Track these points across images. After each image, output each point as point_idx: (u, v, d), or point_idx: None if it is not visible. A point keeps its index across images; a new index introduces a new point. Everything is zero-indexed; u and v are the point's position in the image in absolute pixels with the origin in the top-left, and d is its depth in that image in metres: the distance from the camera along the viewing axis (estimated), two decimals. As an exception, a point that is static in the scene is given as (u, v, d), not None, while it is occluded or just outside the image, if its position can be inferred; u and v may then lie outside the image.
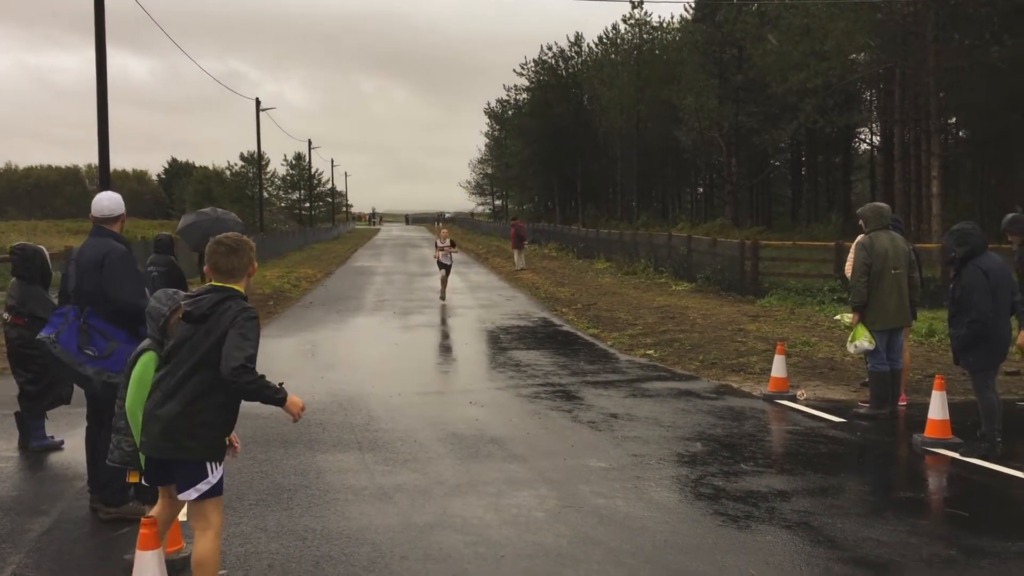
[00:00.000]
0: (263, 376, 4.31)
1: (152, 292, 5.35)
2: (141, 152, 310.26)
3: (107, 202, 6.18)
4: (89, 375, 5.79)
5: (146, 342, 4.93)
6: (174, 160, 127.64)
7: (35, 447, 7.75)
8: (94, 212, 6.16)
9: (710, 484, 6.70)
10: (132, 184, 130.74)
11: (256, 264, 4.64)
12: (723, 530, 5.70)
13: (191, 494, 4.33)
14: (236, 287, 4.44)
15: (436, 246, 22.15)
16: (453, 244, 22.24)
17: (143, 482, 4.70)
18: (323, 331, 16.23)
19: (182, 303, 4.90)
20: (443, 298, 20.94)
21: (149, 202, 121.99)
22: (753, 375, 11.28)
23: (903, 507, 6.22)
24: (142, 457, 4.56)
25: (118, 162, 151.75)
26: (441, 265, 21.67)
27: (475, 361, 12.93)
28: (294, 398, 4.49)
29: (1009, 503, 6.38)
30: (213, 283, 4.46)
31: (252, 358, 4.25)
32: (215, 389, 4.29)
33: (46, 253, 8.03)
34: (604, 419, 8.89)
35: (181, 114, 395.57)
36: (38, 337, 5.96)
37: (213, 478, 4.36)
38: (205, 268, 4.83)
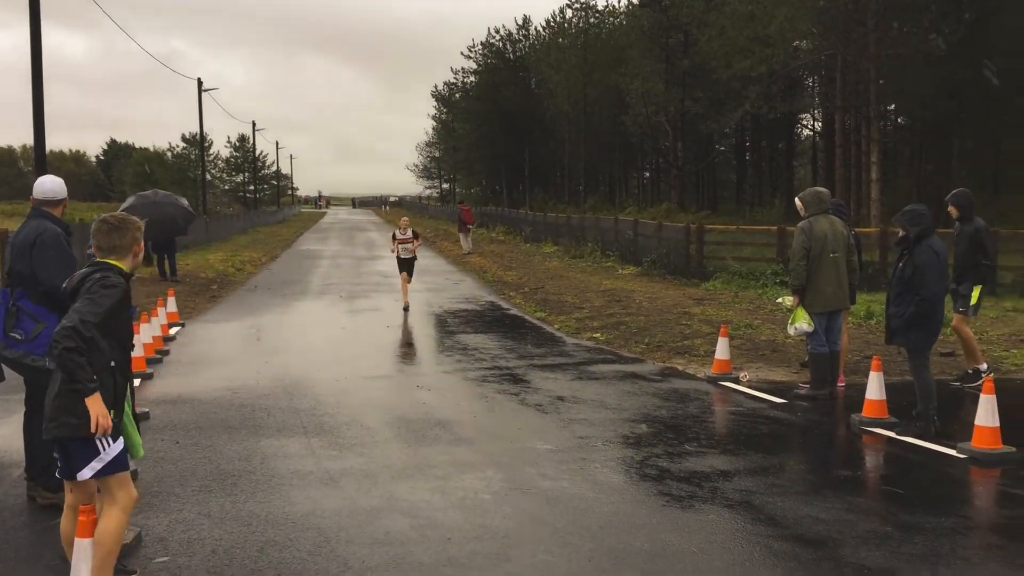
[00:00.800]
0: (84, 357, 4.11)
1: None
2: (79, 132, 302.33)
3: (49, 184, 6.06)
4: (11, 358, 5.70)
5: None
6: (113, 141, 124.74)
7: None
8: (35, 194, 6.03)
9: (655, 465, 6.79)
10: (70, 165, 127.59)
11: (142, 244, 4.66)
12: (667, 510, 5.79)
13: (86, 473, 4.25)
14: (117, 263, 4.46)
15: (394, 237, 17.02)
16: (416, 236, 17.19)
17: (57, 474, 4.54)
18: (268, 315, 16.05)
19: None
20: (406, 308, 16.35)
21: (88, 184, 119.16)
22: (697, 357, 11.43)
23: (841, 485, 6.37)
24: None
25: (55, 143, 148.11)
26: (402, 264, 16.85)
27: (423, 345, 12.91)
28: (100, 407, 4.17)
29: (942, 481, 6.57)
30: (96, 259, 4.47)
31: (87, 324, 4.12)
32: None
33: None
34: (551, 402, 8.94)
35: (121, 94, 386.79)
36: None
37: (107, 454, 4.26)
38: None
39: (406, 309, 16.36)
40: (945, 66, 31.16)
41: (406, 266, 16.85)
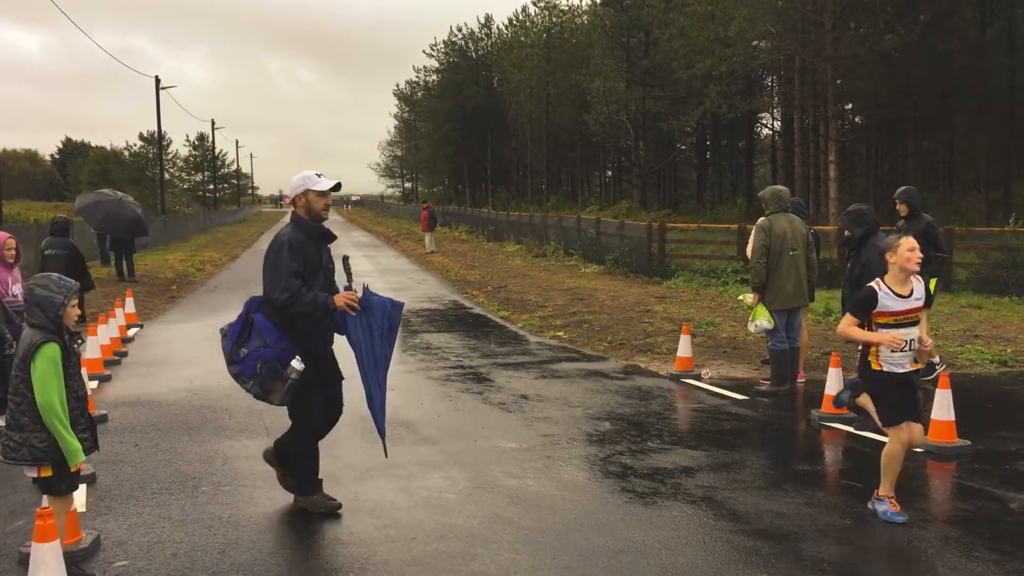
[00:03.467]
0: None
1: (50, 274, 5.08)
2: (33, 131, 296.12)
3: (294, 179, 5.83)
4: (232, 375, 5.65)
5: (38, 335, 4.62)
6: (69, 140, 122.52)
7: None
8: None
9: (618, 462, 6.82)
10: (23, 164, 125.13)
11: None
12: (630, 507, 5.82)
13: None
14: None
15: None
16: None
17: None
18: (229, 315, 15.75)
19: (76, 289, 4.75)
20: None
21: (42, 183, 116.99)
22: (660, 355, 11.51)
23: (801, 480, 6.45)
24: (79, 450, 4.59)
25: (8, 141, 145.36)
26: None
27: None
28: None
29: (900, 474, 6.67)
30: None
31: None
32: None
33: None
34: (514, 400, 8.95)
35: (76, 92, 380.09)
36: None
37: None
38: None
39: None
40: (900, 66, 31.66)
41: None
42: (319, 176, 5.62)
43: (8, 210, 35.18)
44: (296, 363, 5.35)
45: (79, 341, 4.91)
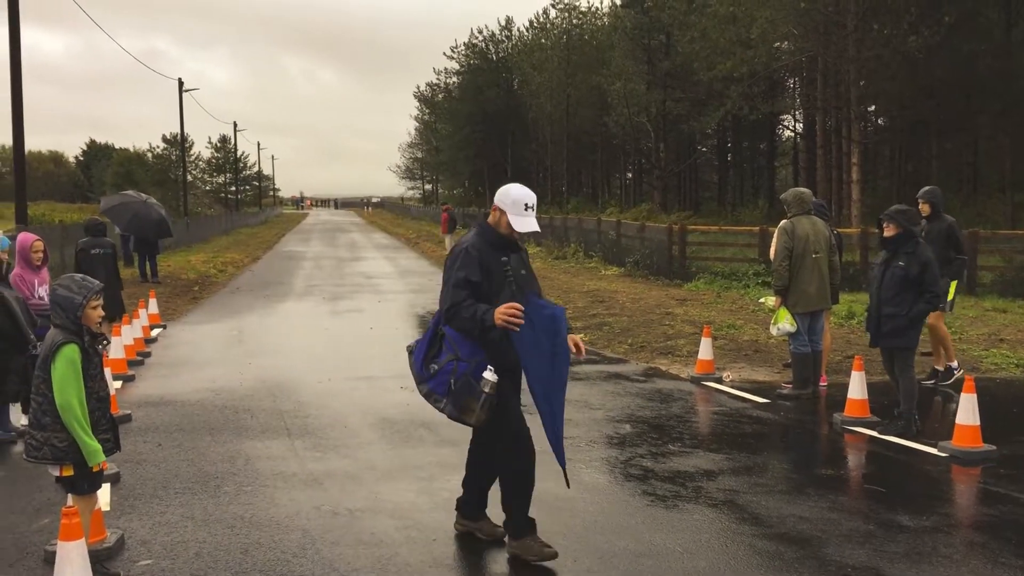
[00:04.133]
0: None
1: (103, 272, 5.16)
2: (58, 133, 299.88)
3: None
4: (422, 394, 5.16)
5: (59, 335, 4.66)
6: (93, 142, 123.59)
7: None
8: None
9: (639, 465, 6.80)
10: (48, 166, 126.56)
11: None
12: (651, 510, 5.80)
13: None
14: None
15: None
16: None
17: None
18: (250, 317, 15.98)
19: (98, 290, 4.78)
20: None
21: (67, 185, 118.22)
22: (681, 358, 11.47)
23: (824, 484, 6.41)
24: (99, 450, 4.63)
25: (33, 143, 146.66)
26: None
27: (406, 346, 12.86)
28: None
29: (924, 479, 6.62)
30: None
31: None
32: None
33: None
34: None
35: (100, 94, 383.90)
36: None
37: None
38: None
39: None
40: (924, 67, 31.40)
41: None
42: (527, 209, 5.04)
43: (33, 211, 35.56)
44: (488, 374, 4.72)
45: (103, 343, 4.93)
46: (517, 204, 5.01)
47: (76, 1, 31.20)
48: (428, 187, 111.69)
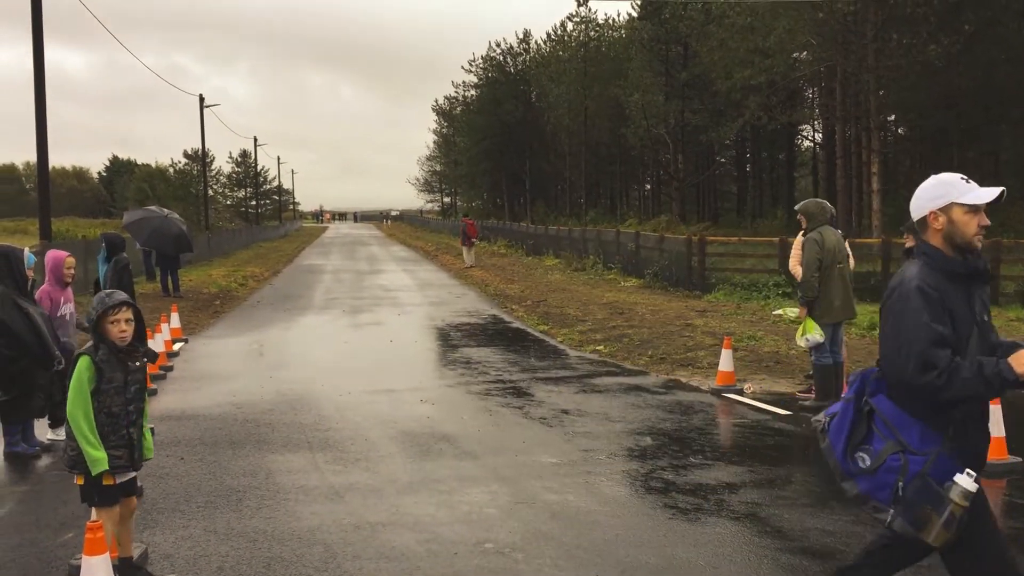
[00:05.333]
0: None
1: (120, 287, 5.19)
2: (81, 149, 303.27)
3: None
4: (848, 496, 3.86)
5: (85, 347, 4.84)
6: (115, 158, 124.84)
7: (6, 453, 7.54)
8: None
9: (660, 478, 6.78)
10: (72, 182, 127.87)
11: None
12: (673, 523, 5.78)
13: None
14: None
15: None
16: None
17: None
18: (271, 330, 16.06)
19: (114, 304, 4.83)
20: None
21: (90, 200, 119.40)
22: (701, 369, 11.42)
23: (848, 497, 6.34)
24: (101, 460, 4.66)
25: (57, 159, 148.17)
26: None
27: (425, 359, 12.91)
28: None
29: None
30: None
31: None
32: None
33: (20, 253, 7.46)
34: (555, 415, 8.94)
35: (122, 110, 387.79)
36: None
37: None
38: None
39: None
40: (944, 76, 31.24)
41: None
42: (966, 181, 3.59)
43: (57, 227, 35.92)
44: (964, 480, 3.31)
45: (137, 359, 4.86)
46: (950, 184, 3.59)
47: (99, 19, 31.56)
48: (447, 200, 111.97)
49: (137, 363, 4.86)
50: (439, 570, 5.02)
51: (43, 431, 7.88)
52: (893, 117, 39.99)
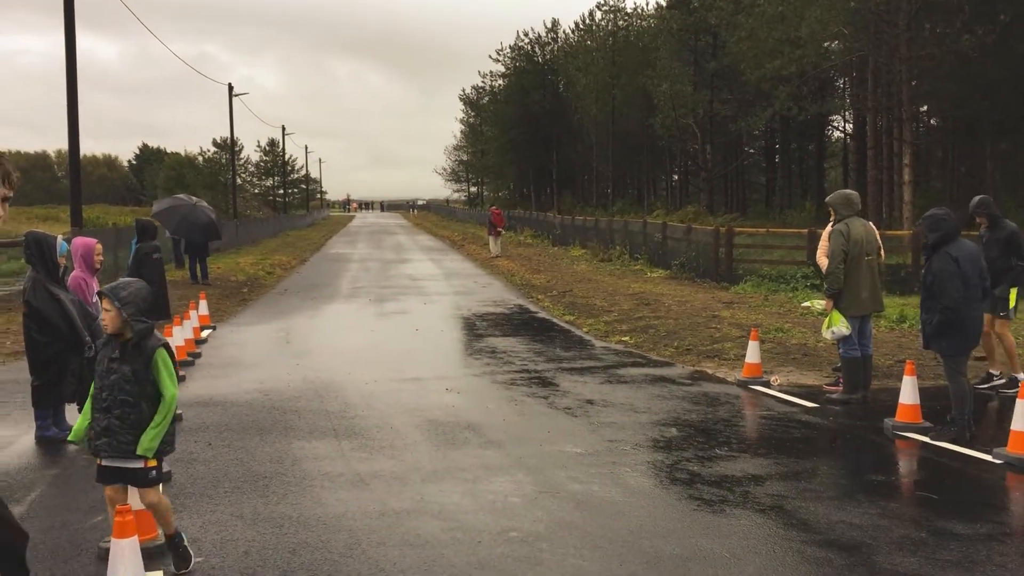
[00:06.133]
0: None
1: (155, 277, 5.17)
2: (111, 137, 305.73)
3: None
4: None
5: None
6: (145, 146, 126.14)
7: (37, 437, 7.66)
8: None
9: (685, 469, 6.76)
10: (102, 170, 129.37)
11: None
12: (698, 514, 5.76)
13: None
14: None
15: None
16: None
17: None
18: (298, 318, 16.16)
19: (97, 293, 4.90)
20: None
21: (120, 188, 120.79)
22: (727, 361, 11.36)
23: (874, 490, 6.30)
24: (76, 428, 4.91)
25: (88, 147, 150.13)
26: None
27: (451, 348, 12.93)
28: None
29: (978, 486, 6.48)
30: None
31: None
32: None
33: (53, 241, 7.59)
34: (580, 405, 8.93)
35: (152, 99, 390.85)
36: None
37: None
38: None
39: None
40: (978, 66, 30.76)
41: None
42: None
43: (87, 214, 36.31)
44: None
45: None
46: None
47: (131, 8, 31.78)
48: (473, 189, 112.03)
49: (115, 353, 4.80)
50: (463, 558, 5.04)
51: (73, 416, 7.99)
52: (925, 108, 39.42)
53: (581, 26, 68.16)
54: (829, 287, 9.00)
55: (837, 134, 56.98)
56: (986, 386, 9.46)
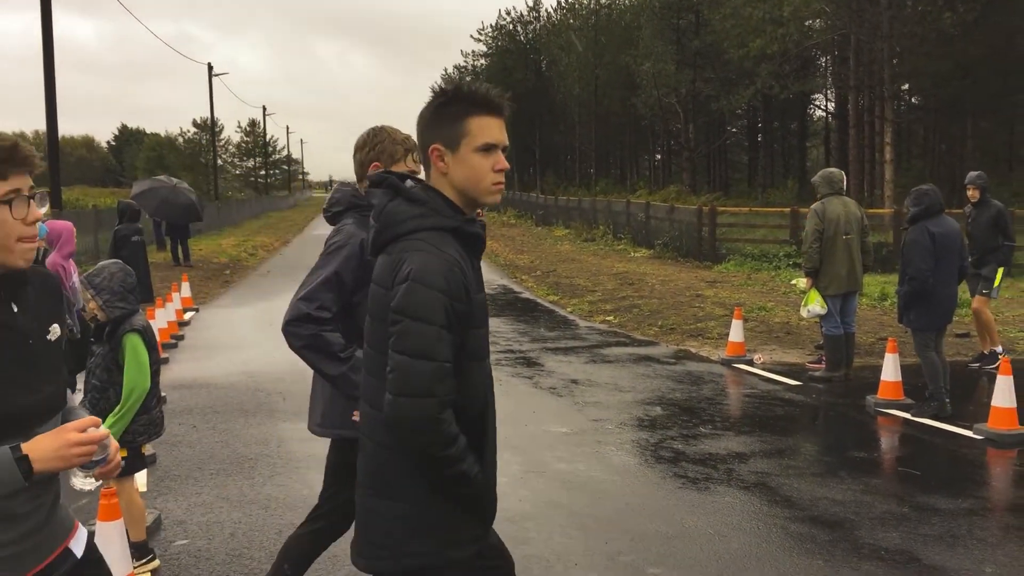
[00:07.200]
0: None
1: (138, 261, 5.08)
2: (90, 118, 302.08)
3: None
4: None
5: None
6: (124, 127, 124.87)
7: None
8: None
9: (670, 447, 6.80)
10: (81, 151, 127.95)
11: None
12: (683, 492, 5.80)
13: None
14: None
15: None
16: None
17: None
18: (282, 300, 16.05)
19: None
20: None
21: (99, 170, 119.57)
22: (711, 340, 11.42)
23: (857, 467, 6.36)
24: None
25: (66, 128, 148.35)
26: None
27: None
28: None
29: (958, 461, 6.56)
30: None
31: None
32: None
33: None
34: (565, 385, 8.96)
35: (131, 79, 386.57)
36: None
37: None
38: None
39: None
40: (959, 45, 30.86)
41: None
42: None
43: (66, 196, 35.93)
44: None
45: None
46: None
47: (107, -13, 31.33)
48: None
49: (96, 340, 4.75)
50: (450, 537, 5.05)
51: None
52: (907, 86, 39.58)
53: (563, 5, 67.84)
54: (803, 266, 9.21)
55: (819, 113, 57.12)
56: (990, 365, 9.49)
